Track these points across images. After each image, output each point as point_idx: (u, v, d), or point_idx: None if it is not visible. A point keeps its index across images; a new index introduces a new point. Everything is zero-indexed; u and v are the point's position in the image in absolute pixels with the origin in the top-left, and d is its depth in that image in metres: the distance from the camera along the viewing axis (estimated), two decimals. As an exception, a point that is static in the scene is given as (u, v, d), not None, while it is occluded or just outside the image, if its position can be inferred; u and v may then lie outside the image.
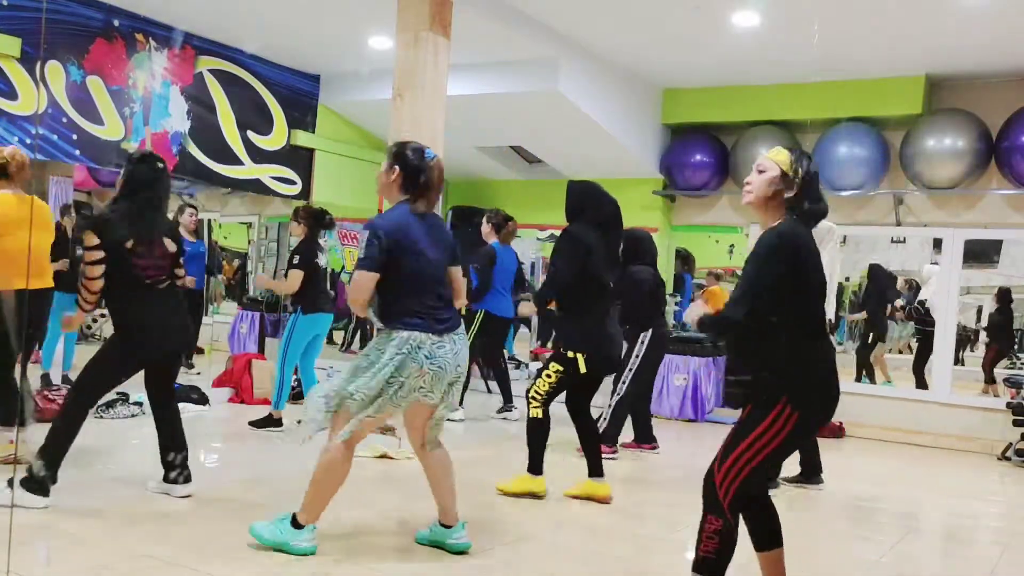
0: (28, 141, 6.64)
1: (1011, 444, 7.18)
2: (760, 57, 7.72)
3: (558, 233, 6.98)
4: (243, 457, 5.63)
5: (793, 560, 3.18)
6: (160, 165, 4.27)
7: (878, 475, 6.48)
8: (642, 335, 6.17)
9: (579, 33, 7.54)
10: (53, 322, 7.46)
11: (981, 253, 9.17)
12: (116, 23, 7.24)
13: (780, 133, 8.49)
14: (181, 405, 6.68)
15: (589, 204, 4.80)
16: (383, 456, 5.58)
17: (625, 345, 6.02)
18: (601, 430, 6.09)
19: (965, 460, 7.23)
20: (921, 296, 9.16)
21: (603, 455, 5.91)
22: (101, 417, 6.17)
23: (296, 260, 6.18)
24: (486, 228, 7.44)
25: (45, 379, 7.21)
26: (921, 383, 8.65)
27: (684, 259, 9.63)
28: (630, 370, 6.15)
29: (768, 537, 3.02)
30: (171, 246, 4.24)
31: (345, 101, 9.16)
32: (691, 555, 4.14)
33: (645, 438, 6.47)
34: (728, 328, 2.95)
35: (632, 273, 6.13)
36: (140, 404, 6.36)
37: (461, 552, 3.68)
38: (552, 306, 4.86)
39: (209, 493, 4.42)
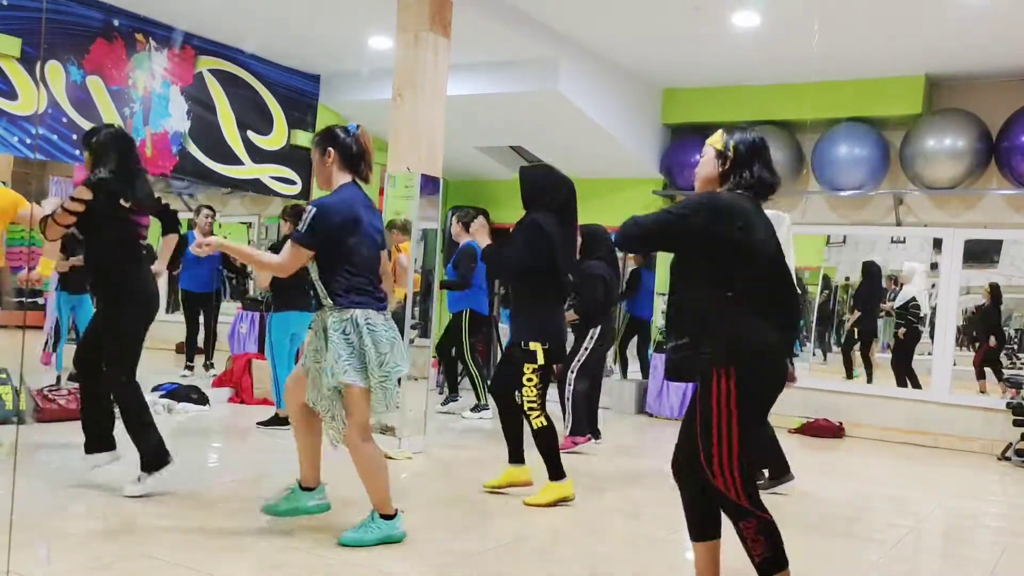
0: (28, 141, 6.64)
1: (1011, 444, 7.19)
2: (760, 57, 7.72)
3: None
4: (243, 457, 5.63)
5: (793, 560, 3.17)
6: (124, 131, 4.54)
7: (878, 475, 6.48)
8: (592, 330, 6.29)
9: (579, 33, 7.54)
10: (62, 324, 7.49)
11: (981, 253, 9.17)
12: (116, 23, 7.24)
13: (780, 133, 8.49)
14: (181, 405, 6.78)
15: (547, 192, 4.67)
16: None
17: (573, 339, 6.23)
18: (568, 428, 6.29)
19: (965, 460, 7.23)
20: (905, 294, 9.14)
21: (577, 445, 6.21)
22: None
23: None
24: (456, 228, 7.49)
25: (59, 380, 7.23)
26: (901, 380, 8.65)
27: None
28: (578, 361, 6.28)
29: (702, 525, 3.05)
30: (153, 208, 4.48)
31: (345, 101, 9.16)
32: (691, 555, 4.14)
33: (582, 430, 6.45)
34: (622, 238, 2.98)
35: (587, 268, 6.22)
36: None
37: (323, 511, 3.94)
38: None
39: (209, 493, 4.42)
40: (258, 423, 6.41)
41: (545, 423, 4.53)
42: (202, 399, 7.03)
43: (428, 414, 6.07)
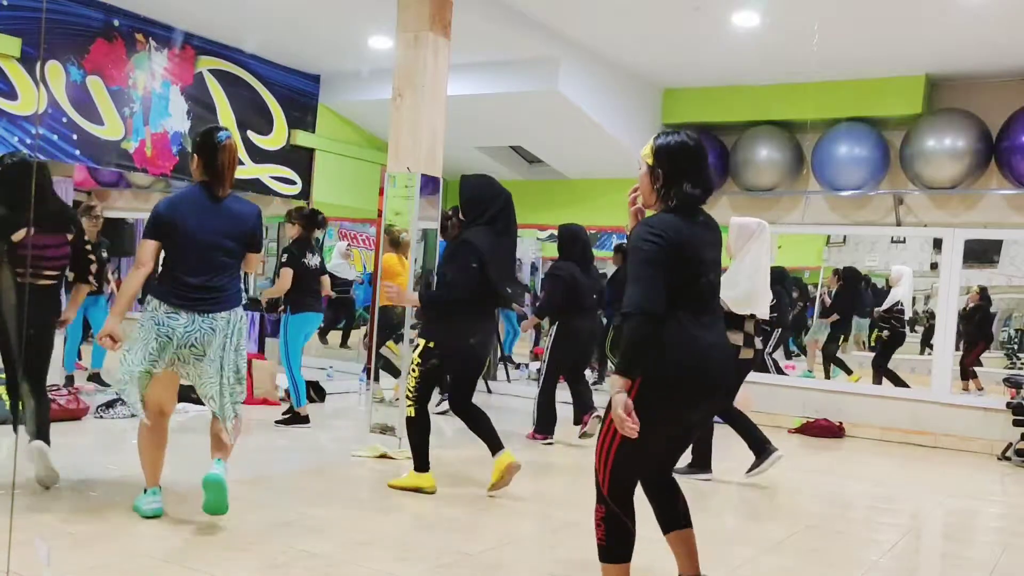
0: (28, 141, 6.64)
1: (1011, 444, 7.19)
2: (760, 57, 7.72)
3: (557, 233, 7.00)
4: (243, 457, 5.62)
5: (793, 560, 3.19)
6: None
7: (878, 475, 6.48)
8: (551, 329, 6.52)
9: (579, 33, 7.54)
10: (72, 325, 7.49)
11: (981, 253, 9.18)
12: (116, 23, 7.24)
13: (780, 133, 8.49)
14: (181, 405, 6.77)
15: (482, 203, 4.70)
16: (383, 456, 5.58)
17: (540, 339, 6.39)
18: (534, 426, 6.57)
19: (965, 460, 7.23)
20: (892, 296, 9.18)
21: (537, 441, 6.45)
22: (101, 417, 6.18)
23: (284, 258, 6.34)
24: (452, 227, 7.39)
25: (69, 381, 7.24)
26: (878, 379, 8.70)
27: None
28: (543, 362, 6.59)
29: (669, 520, 3.12)
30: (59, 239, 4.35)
31: (345, 101, 9.16)
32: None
33: (543, 429, 6.63)
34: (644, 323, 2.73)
35: (552, 268, 6.60)
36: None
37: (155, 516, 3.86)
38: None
39: (209, 493, 4.42)
40: (276, 422, 6.52)
41: (413, 415, 4.68)
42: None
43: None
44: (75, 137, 6.99)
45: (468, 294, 4.54)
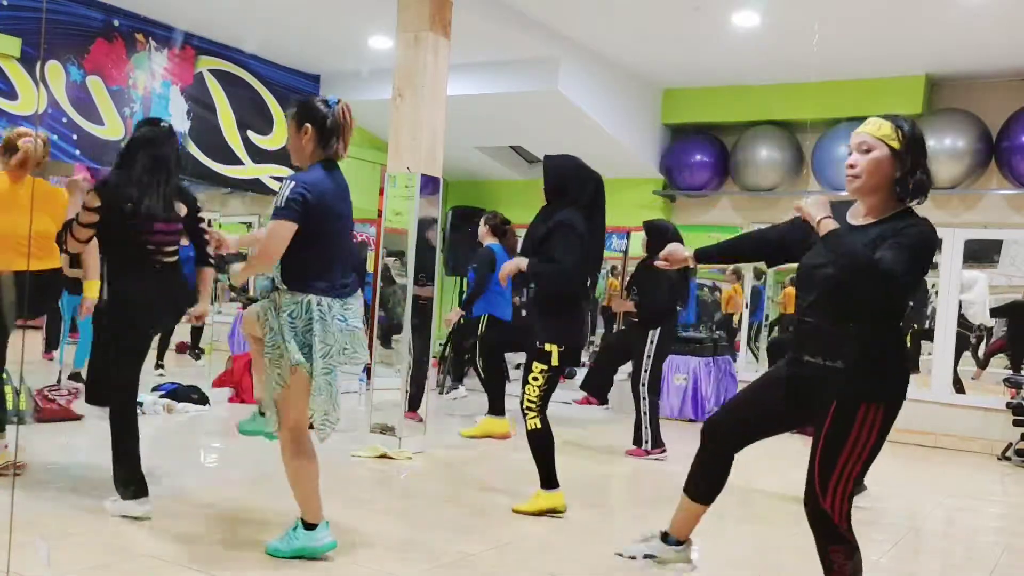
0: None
1: (1011, 444, 7.19)
2: (760, 57, 7.72)
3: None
4: (243, 457, 5.63)
5: (793, 560, 3.19)
6: (164, 125, 4.06)
7: (878, 475, 6.45)
8: (651, 332, 6.11)
9: (579, 33, 7.54)
10: (66, 324, 7.48)
11: (981, 253, 9.15)
12: (116, 23, 7.24)
13: (780, 133, 8.50)
14: (181, 405, 6.78)
15: (574, 186, 4.42)
16: (383, 456, 5.57)
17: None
18: (646, 440, 6.13)
19: (965, 460, 7.23)
20: (965, 299, 8.94)
21: (653, 456, 6.09)
22: (102, 417, 6.16)
23: None
24: (483, 229, 7.22)
25: (75, 377, 7.20)
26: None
27: None
28: (646, 372, 6.10)
29: (713, 491, 3.20)
30: (181, 209, 3.96)
31: (345, 101, 9.15)
32: (691, 555, 4.14)
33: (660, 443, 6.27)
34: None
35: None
36: (140, 404, 6.36)
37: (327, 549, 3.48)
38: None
39: (209, 493, 4.42)
40: None
41: (540, 426, 4.26)
42: (202, 399, 7.03)
43: (428, 414, 6.06)
44: (75, 137, 6.99)
45: (577, 279, 4.21)
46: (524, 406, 4.29)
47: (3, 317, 4.33)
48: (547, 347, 4.19)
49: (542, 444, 4.31)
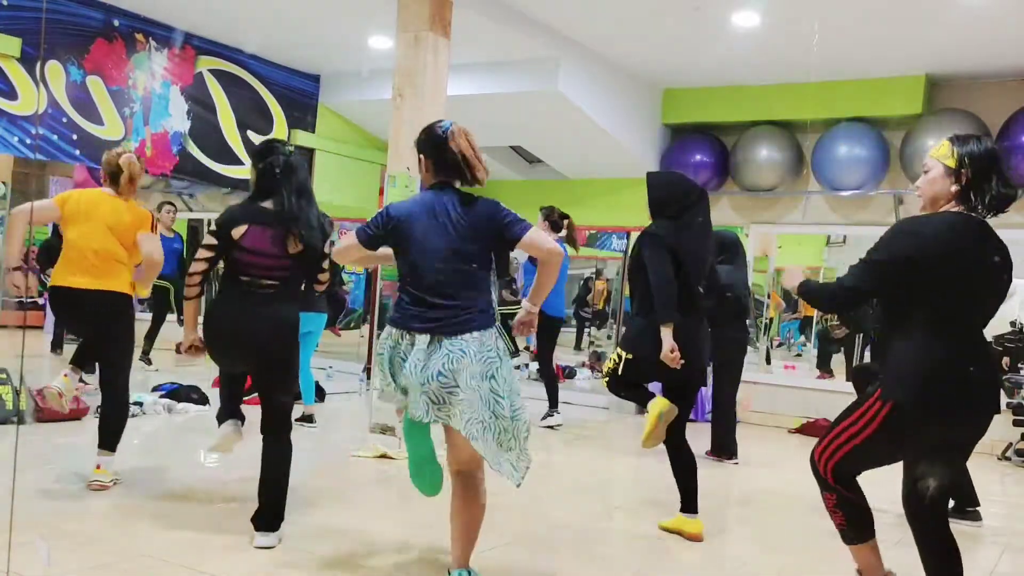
0: (28, 141, 6.64)
1: (1011, 444, 7.19)
2: (760, 57, 7.72)
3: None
4: (243, 457, 5.63)
5: (793, 560, 3.19)
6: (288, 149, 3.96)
7: (878, 475, 6.46)
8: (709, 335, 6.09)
9: (579, 33, 7.54)
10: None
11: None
12: (116, 23, 7.24)
13: (780, 133, 8.49)
14: (181, 405, 6.78)
15: (670, 199, 4.36)
16: (383, 456, 5.58)
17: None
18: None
19: (965, 460, 7.22)
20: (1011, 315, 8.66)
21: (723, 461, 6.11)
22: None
23: None
24: (542, 225, 7.08)
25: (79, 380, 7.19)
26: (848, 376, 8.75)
27: None
28: (723, 377, 6.21)
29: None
30: (294, 247, 3.74)
31: (345, 101, 9.16)
32: (692, 555, 4.14)
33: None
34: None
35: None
36: (140, 404, 6.36)
37: None
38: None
39: (209, 493, 4.43)
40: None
41: (607, 382, 4.29)
42: (202, 399, 7.03)
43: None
44: (75, 137, 6.99)
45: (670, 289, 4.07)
46: (604, 374, 4.35)
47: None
48: (619, 351, 4.22)
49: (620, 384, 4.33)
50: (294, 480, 3.95)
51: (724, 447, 6.30)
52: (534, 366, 9.73)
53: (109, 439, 4.34)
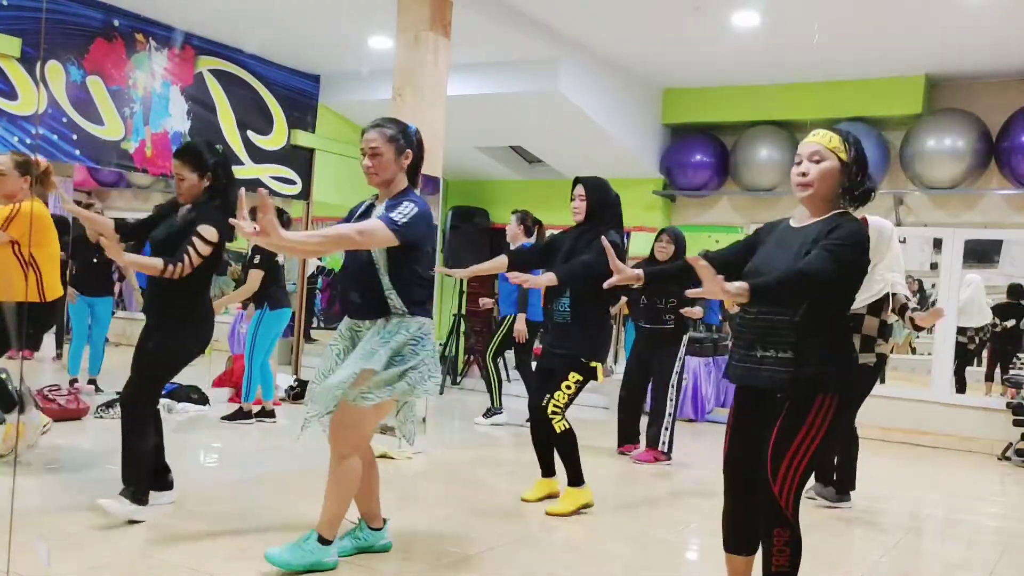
0: (28, 141, 6.63)
1: (1011, 444, 7.19)
2: (760, 57, 7.72)
3: (558, 233, 6.85)
4: (243, 457, 5.63)
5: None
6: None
7: (878, 475, 6.48)
8: (685, 336, 6.19)
9: (579, 33, 7.54)
10: (79, 326, 7.49)
11: (981, 253, 9.16)
12: (116, 23, 7.23)
13: (780, 133, 8.49)
14: (181, 405, 6.79)
15: (615, 208, 4.67)
16: (383, 456, 5.57)
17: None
18: (664, 443, 6.10)
19: (965, 460, 7.23)
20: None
21: (663, 462, 6.09)
22: (101, 417, 6.17)
23: (256, 260, 6.35)
24: (516, 229, 7.01)
25: (72, 383, 7.23)
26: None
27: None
28: (677, 374, 6.14)
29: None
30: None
31: (345, 101, 9.16)
32: (691, 555, 4.15)
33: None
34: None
35: None
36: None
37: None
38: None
39: (209, 493, 4.42)
40: (222, 417, 6.57)
41: (567, 426, 4.48)
42: (202, 399, 7.03)
43: (428, 414, 6.06)
44: (75, 137, 6.98)
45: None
46: (550, 411, 4.45)
47: None
48: (593, 364, 4.45)
49: (572, 443, 4.53)
50: (295, 480, 3.96)
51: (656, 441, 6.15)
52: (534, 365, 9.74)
53: None
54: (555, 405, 4.45)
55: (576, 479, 4.54)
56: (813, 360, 2.64)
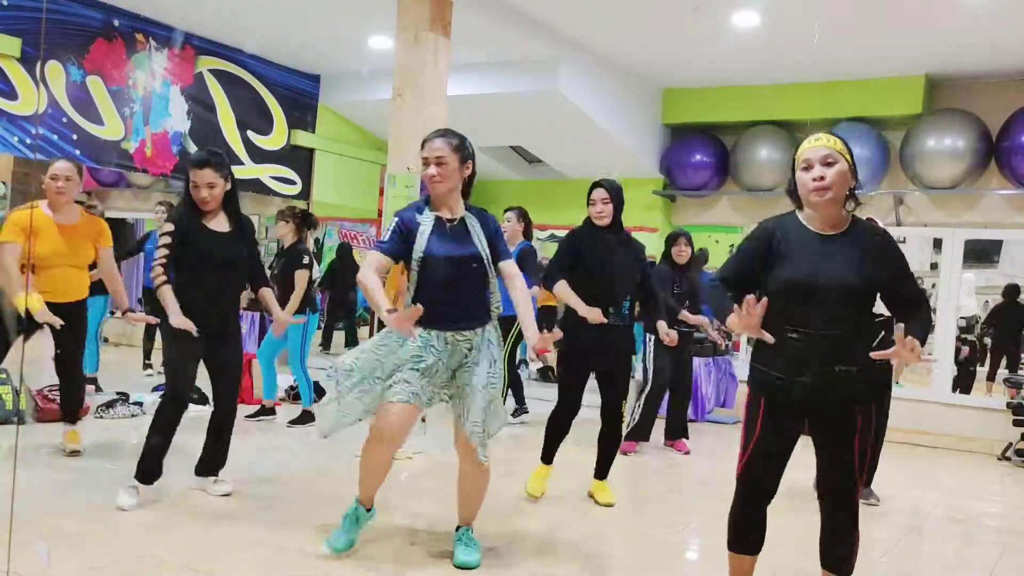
0: (28, 141, 6.64)
1: (1011, 444, 7.19)
2: (760, 57, 7.72)
3: (559, 233, 6.91)
4: (244, 456, 5.62)
5: (793, 560, 3.18)
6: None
7: (878, 475, 6.47)
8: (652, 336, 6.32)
9: (579, 33, 7.54)
10: (91, 335, 7.46)
11: (981, 253, 9.16)
12: (116, 23, 7.24)
13: (780, 133, 8.49)
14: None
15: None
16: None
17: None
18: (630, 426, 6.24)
19: (965, 460, 7.23)
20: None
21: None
22: (101, 417, 6.17)
23: (306, 260, 6.31)
24: (516, 228, 6.88)
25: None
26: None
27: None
28: (648, 371, 6.40)
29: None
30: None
31: (345, 101, 9.16)
32: (691, 555, 4.15)
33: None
34: None
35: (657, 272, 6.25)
36: (140, 404, 6.36)
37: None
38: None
39: (208, 493, 4.42)
40: (289, 422, 6.55)
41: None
42: (202, 399, 7.00)
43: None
44: (75, 137, 6.99)
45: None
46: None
47: None
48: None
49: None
50: (296, 480, 3.96)
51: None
52: (535, 366, 9.74)
53: None
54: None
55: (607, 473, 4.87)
56: (873, 369, 2.73)
